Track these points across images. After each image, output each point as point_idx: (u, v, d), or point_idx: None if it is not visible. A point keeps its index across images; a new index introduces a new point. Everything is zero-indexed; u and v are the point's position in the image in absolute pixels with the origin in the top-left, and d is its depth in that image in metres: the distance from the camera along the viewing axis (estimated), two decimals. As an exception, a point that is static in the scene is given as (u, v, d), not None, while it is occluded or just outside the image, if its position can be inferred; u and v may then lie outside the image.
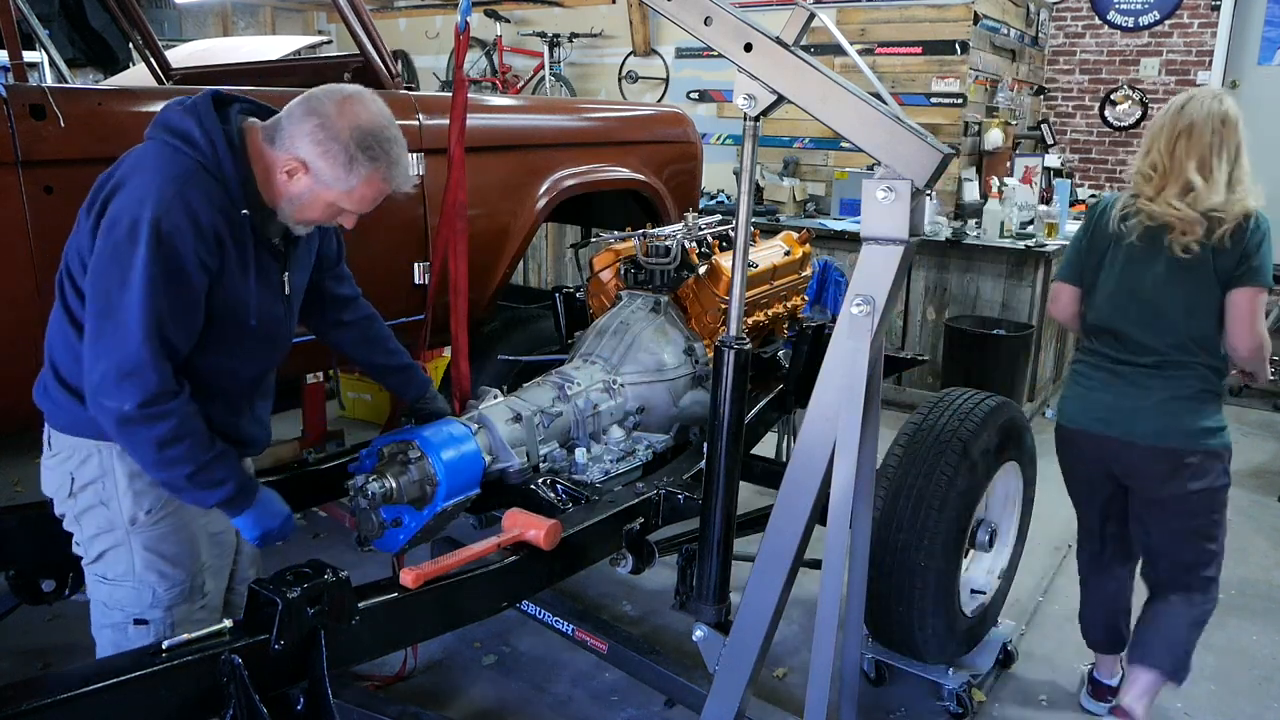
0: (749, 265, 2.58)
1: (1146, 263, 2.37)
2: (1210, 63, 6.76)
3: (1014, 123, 6.67)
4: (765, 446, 3.50)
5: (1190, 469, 2.38)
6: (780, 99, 1.64)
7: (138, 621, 1.84)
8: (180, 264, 1.63)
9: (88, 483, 1.81)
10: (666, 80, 7.56)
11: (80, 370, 1.70)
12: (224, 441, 1.79)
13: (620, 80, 7.75)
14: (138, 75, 4.61)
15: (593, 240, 3.37)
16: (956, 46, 5.84)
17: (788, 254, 3.12)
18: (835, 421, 1.64)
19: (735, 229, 1.78)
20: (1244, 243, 2.30)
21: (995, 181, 5.72)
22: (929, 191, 1.57)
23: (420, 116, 2.87)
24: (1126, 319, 2.42)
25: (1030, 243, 5.11)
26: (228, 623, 1.59)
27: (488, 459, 2.24)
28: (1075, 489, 2.72)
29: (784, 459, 3.95)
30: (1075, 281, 2.56)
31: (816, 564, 2.06)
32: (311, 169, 1.72)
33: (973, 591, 2.76)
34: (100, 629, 1.88)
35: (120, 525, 1.81)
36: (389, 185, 1.81)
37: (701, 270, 2.78)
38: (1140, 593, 2.69)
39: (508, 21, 8.01)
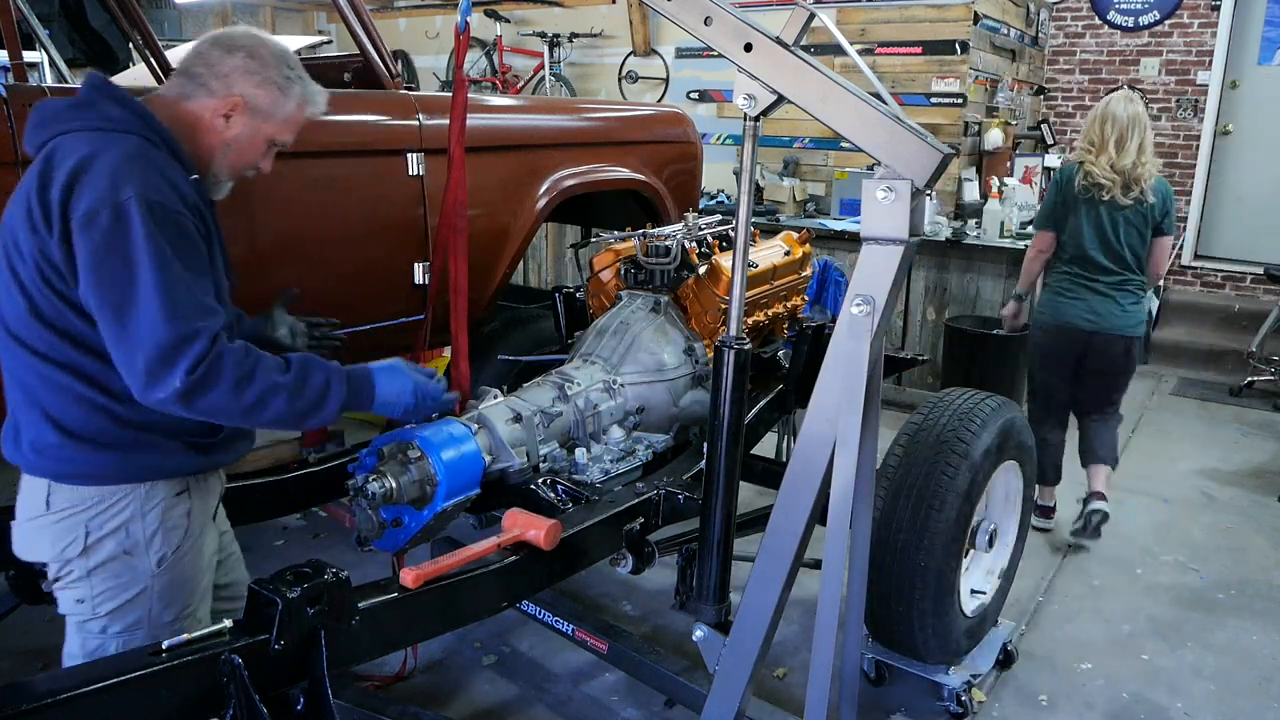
0: (749, 265, 2.58)
1: (1106, 212, 3.57)
2: (1210, 63, 6.76)
3: (1014, 123, 6.67)
4: (765, 446, 3.50)
5: (1130, 345, 3.68)
6: (780, 99, 1.64)
7: None
8: (184, 232, 1.57)
9: (107, 533, 1.68)
10: (666, 80, 7.56)
11: (84, 411, 1.61)
12: (227, 430, 1.75)
13: (620, 80, 7.75)
14: (138, 75, 4.61)
15: (593, 240, 3.36)
16: (956, 46, 5.84)
17: (788, 254, 3.12)
18: (835, 421, 1.64)
19: (735, 229, 1.78)
20: (1165, 204, 3.59)
21: (995, 181, 5.72)
22: (929, 191, 1.57)
23: (420, 116, 2.87)
24: (1096, 250, 3.61)
25: (1030, 242, 5.11)
26: (228, 623, 1.59)
27: (488, 459, 2.24)
28: (1049, 370, 3.84)
29: (784, 459, 3.95)
30: (1053, 228, 3.74)
31: (816, 564, 2.06)
32: (250, 104, 1.70)
33: (973, 591, 2.76)
34: (72, 658, 1.77)
35: (146, 571, 1.72)
36: (311, 105, 1.81)
37: (701, 270, 2.78)
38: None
39: (508, 21, 8.01)
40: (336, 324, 2.37)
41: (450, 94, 2.50)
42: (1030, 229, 5.25)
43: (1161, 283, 6.68)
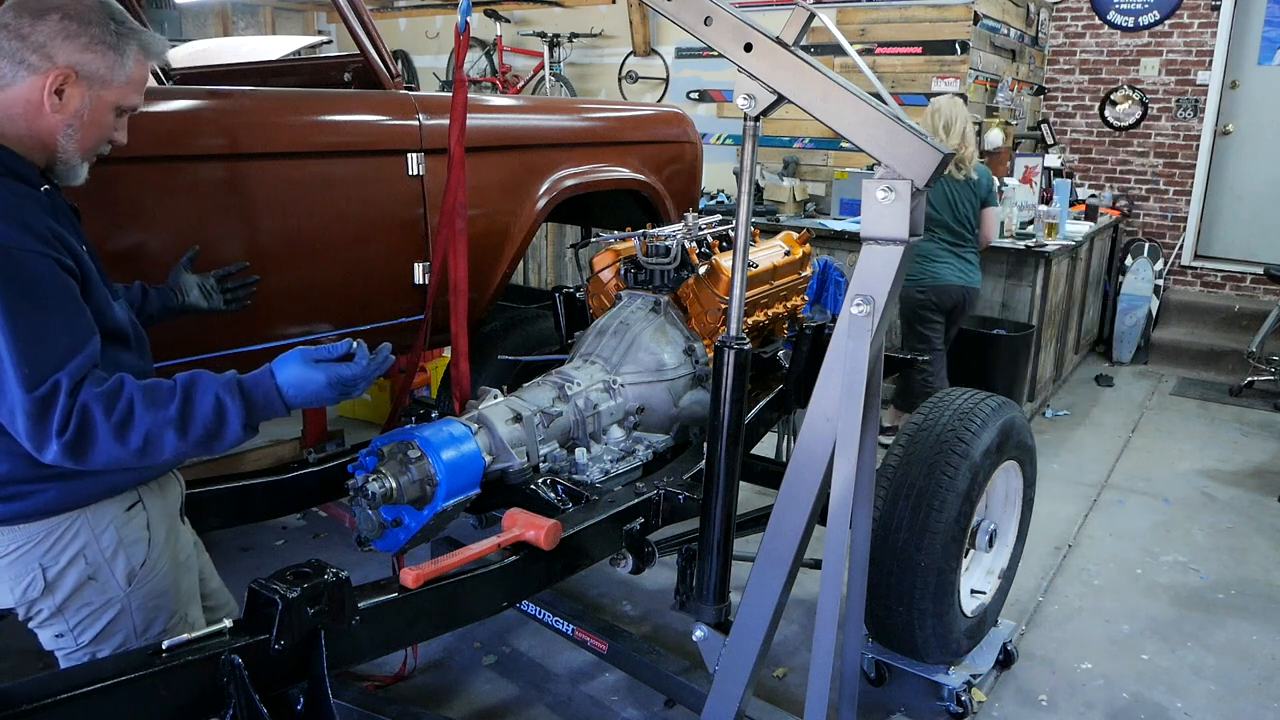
0: (749, 265, 2.58)
1: (945, 186, 4.51)
2: (1210, 63, 6.76)
3: (1014, 123, 6.67)
4: (765, 446, 3.50)
5: (970, 295, 4.65)
6: (780, 99, 1.63)
7: None
8: (29, 276, 1.39)
9: (65, 565, 1.59)
10: (666, 80, 7.56)
11: (5, 458, 1.49)
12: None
13: (620, 80, 7.75)
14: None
15: (593, 240, 3.37)
16: (956, 46, 5.84)
17: (788, 254, 3.12)
18: (835, 421, 1.64)
19: (735, 229, 1.78)
20: (987, 183, 4.61)
21: (995, 181, 5.72)
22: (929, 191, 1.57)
23: (420, 116, 2.87)
24: (952, 220, 4.55)
25: (1030, 243, 5.12)
26: (228, 623, 1.58)
27: (488, 459, 2.24)
28: (931, 324, 4.63)
29: (784, 459, 3.95)
30: None
31: (816, 564, 2.07)
32: (82, 72, 1.47)
33: (973, 591, 2.76)
34: None
35: (117, 591, 1.65)
36: (151, 55, 1.57)
37: (701, 270, 2.78)
38: None
39: (508, 21, 8.02)
40: (247, 266, 2.18)
41: (450, 94, 2.50)
42: (1030, 229, 5.28)
43: (1161, 282, 6.81)
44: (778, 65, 1.61)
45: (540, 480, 2.34)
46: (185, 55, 4.83)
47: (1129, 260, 6.76)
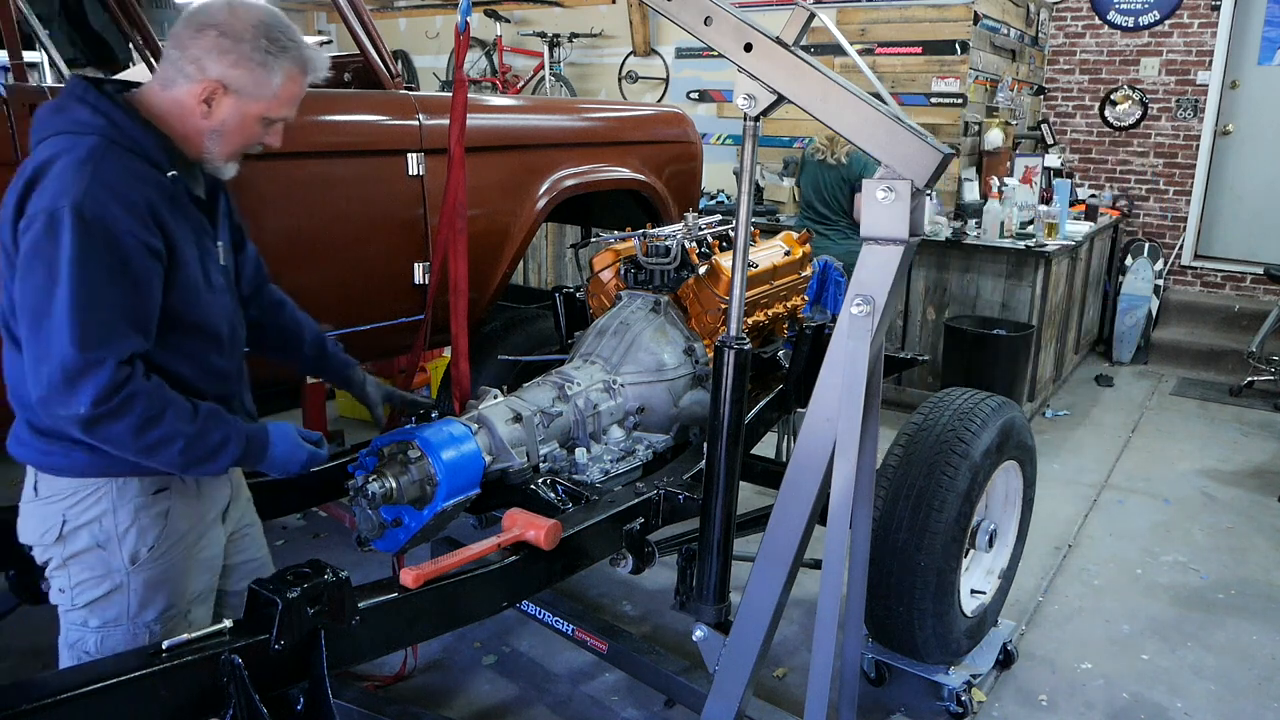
0: (749, 265, 2.58)
1: (823, 172, 5.02)
2: (1210, 63, 6.76)
3: (1014, 123, 6.67)
4: (765, 446, 3.50)
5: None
6: (780, 99, 1.64)
7: None
8: (115, 249, 1.50)
9: (82, 524, 1.68)
10: (666, 80, 7.56)
11: None
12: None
13: (620, 80, 7.75)
14: (138, 75, 4.61)
15: (593, 240, 3.37)
16: (956, 46, 5.84)
17: (788, 254, 3.12)
18: (835, 421, 1.64)
19: (735, 229, 1.78)
20: (861, 169, 4.82)
21: (995, 181, 5.72)
22: (929, 191, 1.57)
23: (420, 116, 2.87)
24: (816, 200, 5.09)
25: (1030, 243, 5.12)
26: (228, 623, 1.59)
27: (488, 459, 2.24)
28: None
29: (784, 459, 3.95)
30: (798, 185, 5.33)
31: (816, 564, 2.06)
32: (230, 86, 1.60)
33: (973, 591, 2.76)
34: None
35: (120, 567, 1.70)
36: (307, 73, 1.69)
37: (701, 270, 2.78)
38: None
39: (508, 21, 8.01)
40: (437, 413, 2.34)
41: (450, 94, 2.50)
42: (1030, 229, 5.29)
43: (1161, 282, 6.83)
44: (778, 65, 1.61)
45: (540, 480, 2.34)
46: (185, 55, 4.81)
47: (1129, 260, 6.77)
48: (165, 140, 1.63)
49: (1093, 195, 6.66)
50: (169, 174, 1.61)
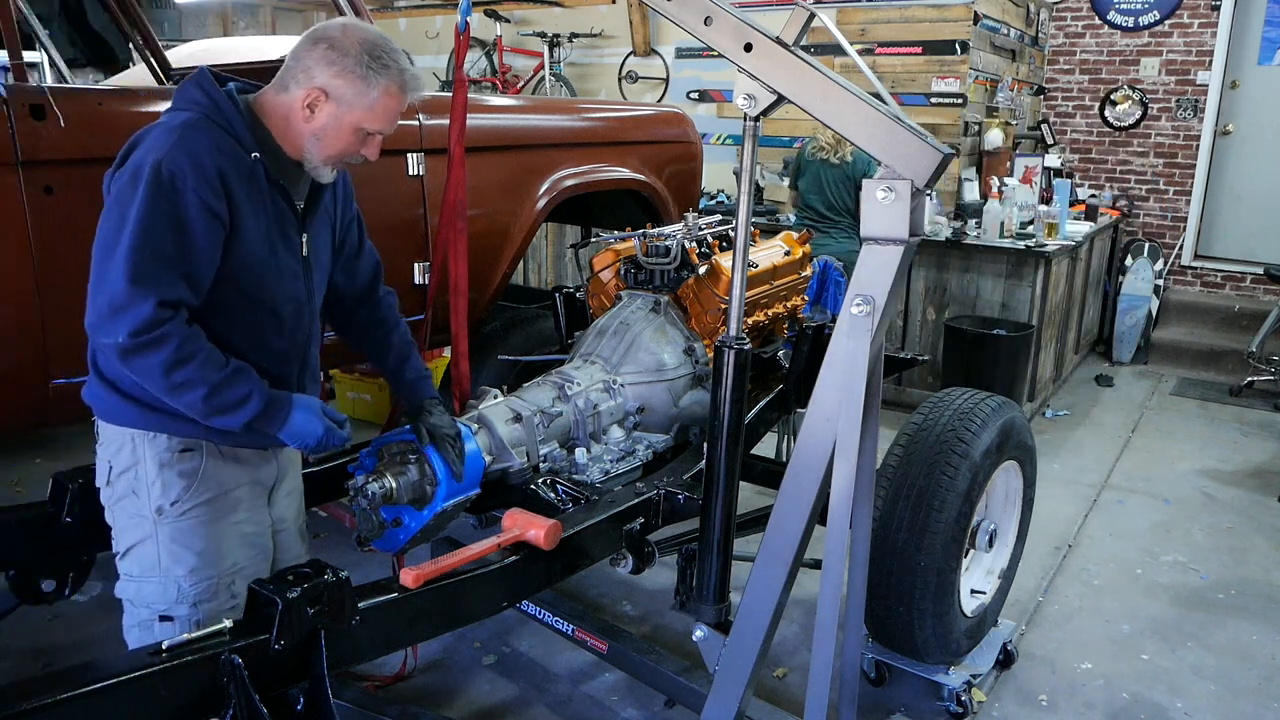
0: (749, 265, 2.58)
1: (826, 172, 5.08)
2: (1210, 63, 6.76)
3: (1014, 123, 6.67)
4: (765, 446, 3.50)
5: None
6: (780, 99, 1.64)
7: (163, 618, 1.81)
8: (179, 205, 1.64)
9: (122, 471, 1.81)
10: (666, 80, 7.56)
11: (105, 356, 1.74)
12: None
13: (620, 80, 7.75)
14: (138, 75, 4.61)
15: (593, 240, 3.37)
16: (956, 46, 5.84)
17: (788, 254, 3.12)
18: (835, 421, 1.64)
19: (735, 229, 1.78)
20: (866, 162, 4.92)
21: (995, 181, 5.72)
22: (929, 191, 1.57)
23: (420, 116, 2.87)
24: (821, 203, 5.11)
25: (1030, 243, 5.12)
26: (228, 623, 1.59)
27: (488, 459, 2.24)
28: None
29: (784, 459, 3.95)
30: (794, 187, 5.34)
31: (816, 564, 2.06)
32: (331, 94, 1.74)
33: (973, 591, 2.76)
34: (129, 629, 1.87)
35: (148, 516, 1.80)
36: (405, 92, 1.81)
37: (701, 270, 2.78)
38: None
39: (508, 21, 8.01)
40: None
41: (450, 94, 2.50)
42: (1030, 229, 5.29)
43: (1161, 282, 6.83)
44: (778, 65, 1.61)
45: (540, 480, 2.34)
46: (185, 55, 4.83)
47: (1129, 260, 6.77)
48: (264, 132, 1.78)
49: (1093, 195, 6.66)
50: (252, 155, 1.74)
